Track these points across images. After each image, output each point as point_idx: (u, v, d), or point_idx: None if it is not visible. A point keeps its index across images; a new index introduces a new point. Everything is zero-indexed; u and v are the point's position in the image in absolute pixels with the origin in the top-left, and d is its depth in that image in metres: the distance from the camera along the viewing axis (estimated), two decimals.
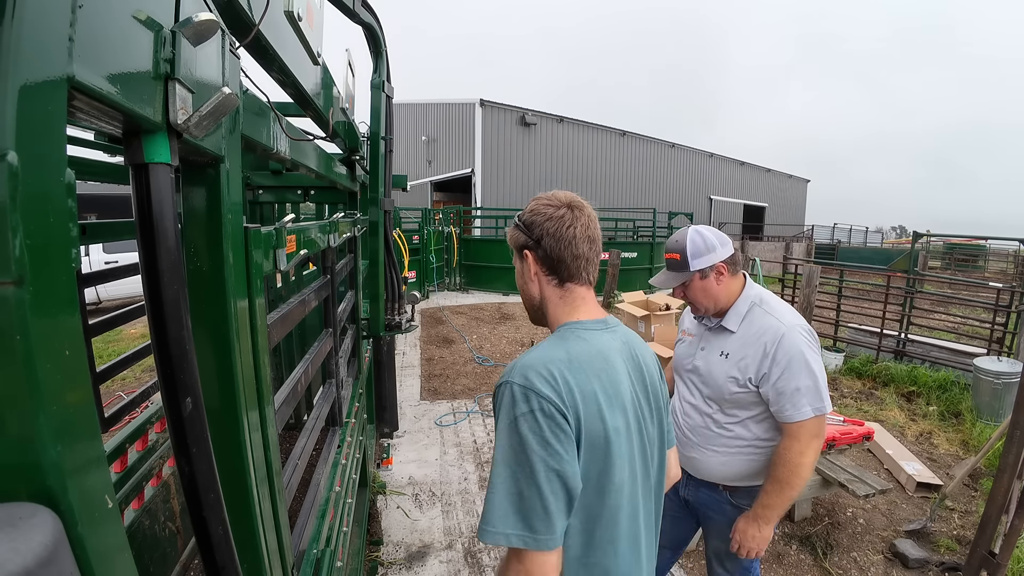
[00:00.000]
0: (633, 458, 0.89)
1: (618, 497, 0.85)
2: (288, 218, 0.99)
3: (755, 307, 1.45)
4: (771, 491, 1.39)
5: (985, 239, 15.64)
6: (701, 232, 1.46)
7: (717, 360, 1.47)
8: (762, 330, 1.39)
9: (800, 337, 1.36)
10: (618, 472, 0.85)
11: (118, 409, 1.74)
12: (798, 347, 1.34)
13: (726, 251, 1.43)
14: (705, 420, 1.52)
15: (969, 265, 17.39)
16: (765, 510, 1.41)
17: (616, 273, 9.45)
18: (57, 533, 0.32)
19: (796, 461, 1.35)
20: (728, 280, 1.45)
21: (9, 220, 0.29)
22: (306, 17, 1.00)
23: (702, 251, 1.42)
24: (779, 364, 1.34)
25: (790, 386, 1.33)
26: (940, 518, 2.91)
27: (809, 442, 1.34)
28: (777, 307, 1.44)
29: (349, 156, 2.04)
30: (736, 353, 1.42)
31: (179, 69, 0.49)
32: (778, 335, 1.36)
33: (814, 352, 1.37)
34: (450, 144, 17.52)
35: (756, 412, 1.44)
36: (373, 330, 2.40)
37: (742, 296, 1.47)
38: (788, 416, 1.35)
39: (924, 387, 4.87)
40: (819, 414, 1.34)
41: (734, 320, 1.46)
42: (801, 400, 1.33)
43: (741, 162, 25.77)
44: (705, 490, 1.58)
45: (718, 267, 1.43)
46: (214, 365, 0.68)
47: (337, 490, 1.49)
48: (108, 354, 5.50)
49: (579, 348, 0.88)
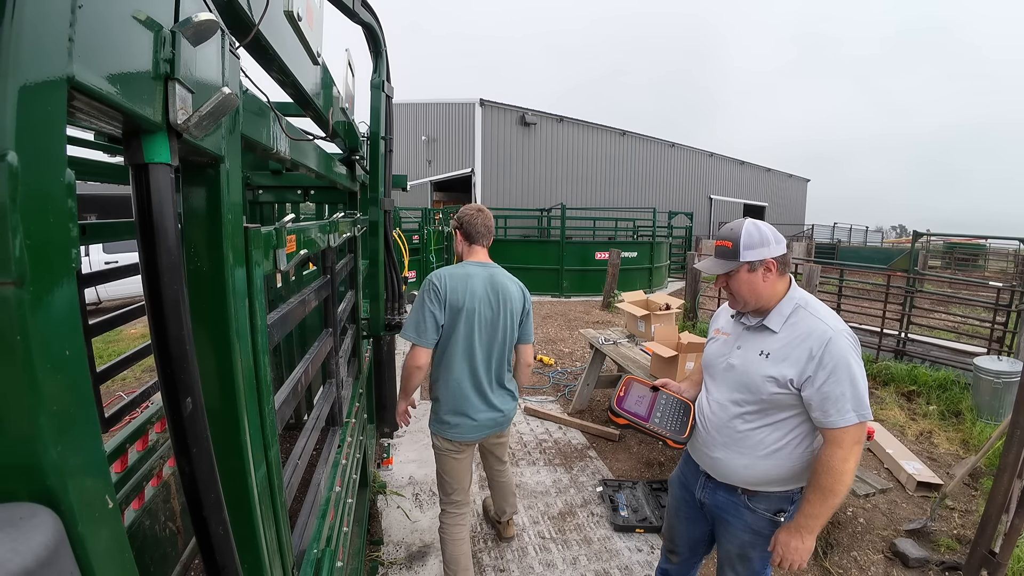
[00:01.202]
0: (472, 319, 1.97)
1: (460, 334, 1.97)
2: (288, 218, 0.99)
3: (800, 309, 1.42)
4: (814, 500, 1.36)
5: (985, 238, 15.64)
6: (758, 225, 1.43)
7: (756, 359, 1.44)
8: (807, 332, 1.37)
9: (846, 342, 1.33)
10: (462, 324, 1.96)
11: (118, 409, 1.74)
12: (844, 352, 1.32)
13: (779, 248, 1.41)
14: (733, 421, 1.48)
15: (969, 264, 17.38)
16: (808, 519, 1.38)
17: (616, 273, 9.45)
18: (57, 533, 0.32)
19: (840, 468, 1.32)
20: (775, 279, 1.42)
21: (9, 220, 0.29)
22: (306, 17, 1.00)
23: (756, 243, 1.40)
24: (825, 368, 1.31)
25: (835, 391, 1.31)
26: (940, 517, 2.91)
27: (852, 448, 1.32)
28: (823, 311, 1.41)
29: (349, 156, 2.04)
30: (778, 354, 1.40)
31: (179, 69, 0.49)
32: (825, 339, 1.33)
33: (858, 359, 1.35)
34: (450, 144, 17.52)
35: (789, 415, 1.41)
36: (373, 330, 2.40)
37: (787, 297, 1.45)
38: (832, 421, 1.32)
39: (924, 386, 4.87)
40: (863, 420, 1.32)
41: (777, 320, 1.43)
42: (846, 405, 1.30)
43: (741, 161, 25.77)
44: (723, 493, 1.55)
45: (768, 263, 1.40)
46: (214, 365, 0.68)
47: (337, 490, 1.49)
48: (108, 354, 5.50)
49: (459, 270, 2.00)
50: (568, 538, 2.68)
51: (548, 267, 10.91)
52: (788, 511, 1.48)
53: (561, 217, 10.80)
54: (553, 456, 3.60)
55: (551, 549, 2.59)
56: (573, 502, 3.02)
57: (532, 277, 10.63)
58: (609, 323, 7.99)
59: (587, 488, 3.18)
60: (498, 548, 2.59)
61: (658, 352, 3.31)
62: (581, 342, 6.70)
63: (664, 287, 12.41)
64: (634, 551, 2.57)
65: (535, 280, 10.73)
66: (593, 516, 2.89)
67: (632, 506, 2.90)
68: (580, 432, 3.98)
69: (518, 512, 2.76)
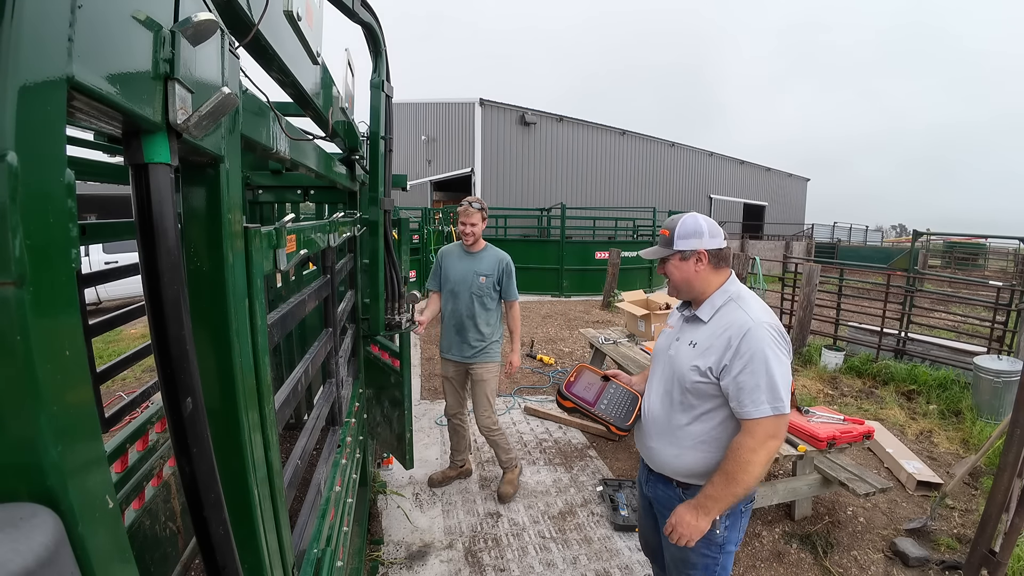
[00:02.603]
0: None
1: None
2: (288, 218, 0.99)
3: (731, 302, 1.45)
4: (717, 482, 1.37)
5: (985, 237, 15.63)
6: (696, 217, 1.48)
7: (685, 349, 1.48)
8: (730, 323, 1.40)
9: (766, 333, 1.34)
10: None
11: (118, 409, 1.74)
12: (762, 343, 1.33)
13: (714, 242, 1.45)
14: (666, 411, 1.52)
15: (969, 263, 17.37)
16: (707, 500, 1.38)
17: (616, 272, 9.45)
18: (58, 533, 0.32)
19: (746, 458, 1.32)
20: (707, 271, 1.47)
21: (9, 220, 0.29)
22: (305, 17, 1.00)
23: (689, 234, 1.45)
24: (741, 358, 1.33)
25: (750, 382, 1.32)
26: (940, 516, 2.91)
27: (764, 441, 1.32)
28: (752, 304, 1.44)
29: (349, 156, 2.04)
30: (703, 343, 1.43)
31: (178, 69, 0.49)
32: (743, 329, 1.35)
33: (779, 351, 1.35)
34: (450, 143, 17.51)
35: (713, 406, 1.43)
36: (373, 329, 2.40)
37: (720, 290, 1.48)
38: (746, 412, 1.33)
39: (924, 386, 4.87)
40: (778, 413, 1.31)
41: (707, 311, 1.47)
42: (760, 396, 1.31)
43: (741, 161, 25.75)
44: (661, 486, 1.57)
45: (700, 253, 1.45)
46: (214, 365, 0.68)
47: (337, 490, 1.49)
48: (108, 354, 5.50)
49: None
50: (568, 538, 2.68)
51: (548, 267, 10.90)
52: None
53: (561, 217, 10.79)
54: (553, 456, 3.60)
55: (551, 549, 2.60)
56: (573, 502, 3.02)
57: (532, 277, 10.63)
58: (609, 323, 7.99)
59: (587, 487, 3.18)
60: (498, 548, 2.59)
61: None
62: (581, 342, 6.70)
63: (664, 287, 12.40)
64: (634, 550, 2.57)
65: (535, 280, 10.72)
66: (593, 516, 2.89)
67: (632, 505, 2.90)
68: (580, 432, 3.98)
69: None
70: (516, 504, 2.98)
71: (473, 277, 2.83)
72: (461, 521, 2.81)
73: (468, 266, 2.86)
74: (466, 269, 2.85)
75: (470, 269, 2.85)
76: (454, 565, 2.46)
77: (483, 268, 2.84)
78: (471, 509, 2.93)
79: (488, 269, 2.84)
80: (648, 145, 20.36)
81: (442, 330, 2.99)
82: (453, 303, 2.88)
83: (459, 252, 2.93)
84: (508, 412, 4.33)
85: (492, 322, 2.92)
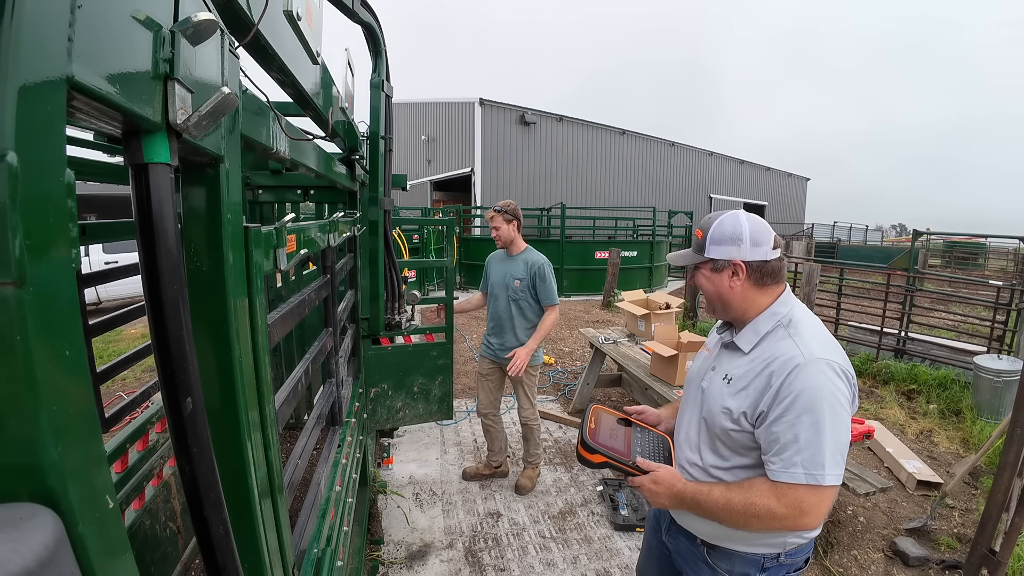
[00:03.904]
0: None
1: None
2: (288, 218, 0.99)
3: (779, 328, 1.13)
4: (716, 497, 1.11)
5: (985, 237, 15.63)
6: (739, 218, 1.16)
7: (719, 384, 1.19)
8: (774, 356, 1.09)
9: (822, 375, 1.02)
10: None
11: (118, 409, 1.74)
12: (813, 386, 1.01)
13: (756, 252, 1.14)
14: (692, 456, 1.25)
15: (969, 263, 17.38)
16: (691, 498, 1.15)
17: (616, 272, 9.45)
18: (58, 533, 0.32)
19: (758, 514, 1.05)
20: (747, 287, 1.17)
21: (9, 220, 0.29)
22: (305, 16, 1.00)
23: (726, 239, 1.15)
24: (781, 402, 1.04)
25: (786, 435, 1.02)
26: (940, 516, 2.92)
27: (793, 516, 1.02)
28: (808, 333, 1.10)
29: (349, 156, 2.04)
30: (739, 380, 1.13)
31: (178, 69, 0.49)
32: (790, 365, 1.04)
33: (837, 399, 1.02)
34: (450, 143, 17.51)
35: (749, 461, 1.15)
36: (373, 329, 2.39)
37: (768, 311, 1.16)
38: (772, 472, 1.04)
39: (924, 385, 4.88)
40: (814, 484, 1.00)
41: (749, 338, 1.16)
42: (793, 458, 1.01)
43: (741, 160, 25.76)
44: (684, 540, 1.31)
45: (736, 265, 1.15)
46: (214, 365, 0.68)
47: (337, 489, 1.49)
48: (108, 354, 5.50)
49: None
50: (568, 537, 2.69)
51: None
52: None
53: (561, 216, 10.79)
54: (553, 455, 3.60)
55: (551, 548, 2.60)
56: (573, 501, 3.02)
57: None
58: (609, 322, 7.99)
59: (587, 487, 3.18)
60: (498, 548, 2.59)
61: (658, 351, 3.31)
62: (581, 341, 6.70)
63: (664, 286, 12.40)
64: (634, 550, 2.57)
65: None
66: (593, 515, 2.89)
67: (632, 505, 2.90)
68: None
69: None
70: (516, 504, 2.98)
71: (509, 280, 2.90)
72: (461, 521, 2.81)
73: (505, 269, 2.94)
74: (504, 272, 2.94)
75: (507, 272, 2.92)
76: (454, 565, 2.46)
77: (517, 271, 2.88)
78: (471, 509, 2.93)
79: (521, 272, 2.87)
80: (648, 145, 20.37)
81: (486, 328, 3.11)
82: (493, 305, 2.99)
83: (502, 255, 3.03)
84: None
85: (530, 325, 2.94)
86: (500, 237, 2.91)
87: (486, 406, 3.12)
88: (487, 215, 2.98)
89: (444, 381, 2.91)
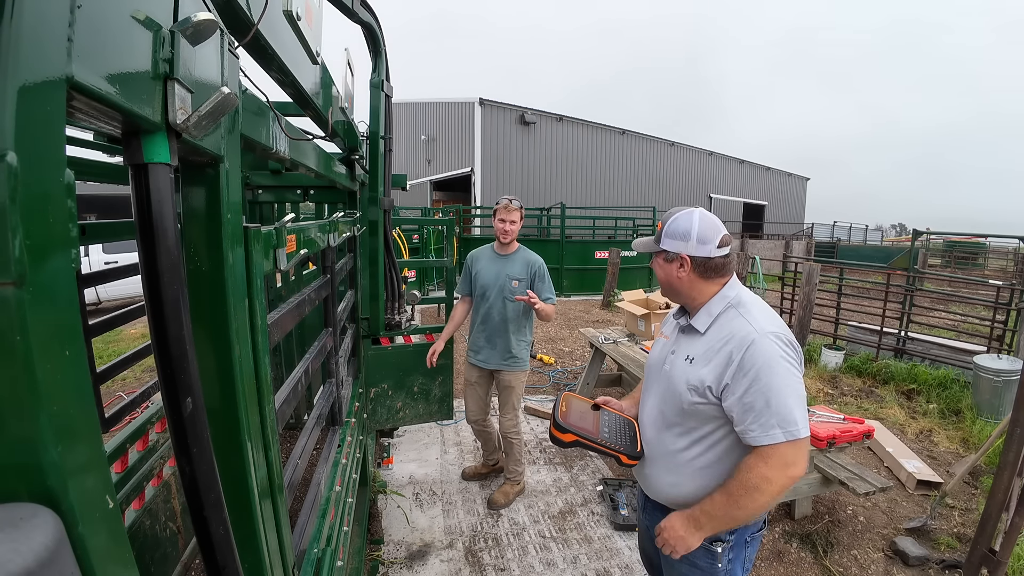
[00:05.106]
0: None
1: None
2: (288, 218, 0.99)
3: (730, 308, 1.27)
4: (718, 500, 1.21)
5: (985, 237, 15.62)
6: (692, 217, 1.29)
7: (681, 365, 1.30)
8: (730, 333, 1.22)
9: (773, 346, 1.17)
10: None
11: (118, 409, 1.74)
12: (770, 356, 1.15)
13: (702, 249, 1.26)
14: (663, 434, 1.35)
15: (969, 263, 17.37)
16: (703, 515, 1.23)
17: (616, 272, 9.46)
18: (58, 533, 0.32)
19: (756, 484, 1.15)
20: (692, 278, 1.30)
21: (9, 220, 0.29)
22: (305, 16, 1.00)
23: (677, 235, 1.29)
24: (746, 375, 1.16)
25: (757, 403, 1.15)
26: (940, 516, 2.92)
27: (780, 469, 1.14)
28: (755, 310, 1.25)
29: (348, 155, 2.04)
30: (701, 358, 1.26)
31: (178, 69, 0.49)
32: (746, 340, 1.18)
33: (790, 364, 1.18)
34: (449, 143, 17.51)
35: (714, 429, 1.27)
36: (373, 329, 2.40)
37: (718, 295, 1.30)
38: (754, 438, 1.16)
39: (924, 385, 4.88)
40: (792, 439, 1.13)
41: (703, 319, 1.29)
42: (769, 420, 1.14)
43: (741, 160, 25.75)
44: (659, 514, 1.40)
45: (683, 259, 1.28)
46: (214, 365, 0.68)
47: (337, 489, 1.49)
48: (108, 354, 5.50)
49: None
50: (568, 537, 2.69)
51: (548, 266, 10.88)
52: (727, 540, 1.30)
53: (561, 216, 10.79)
54: (553, 455, 3.60)
55: (551, 548, 2.60)
56: (573, 501, 3.02)
57: None
58: (609, 322, 7.99)
59: (587, 487, 3.18)
60: (498, 547, 2.59)
61: None
62: (581, 341, 6.70)
63: None
64: (635, 550, 2.57)
65: None
66: (593, 515, 2.89)
67: (633, 505, 2.90)
68: None
69: None
70: (516, 504, 2.98)
71: (505, 280, 2.71)
72: (461, 521, 2.81)
73: (499, 268, 2.74)
74: (497, 271, 2.74)
75: (501, 271, 2.73)
76: (454, 565, 2.46)
77: (515, 271, 2.72)
78: (471, 509, 2.93)
79: (520, 272, 2.72)
80: (648, 144, 20.36)
81: (471, 334, 2.91)
82: (484, 307, 2.77)
83: (490, 254, 2.82)
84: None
85: (523, 328, 2.81)
86: (512, 232, 2.69)
87: (475, 414, 3.04)
88: (501, 205, 2.66)
89: (444, 381, 2.90)
